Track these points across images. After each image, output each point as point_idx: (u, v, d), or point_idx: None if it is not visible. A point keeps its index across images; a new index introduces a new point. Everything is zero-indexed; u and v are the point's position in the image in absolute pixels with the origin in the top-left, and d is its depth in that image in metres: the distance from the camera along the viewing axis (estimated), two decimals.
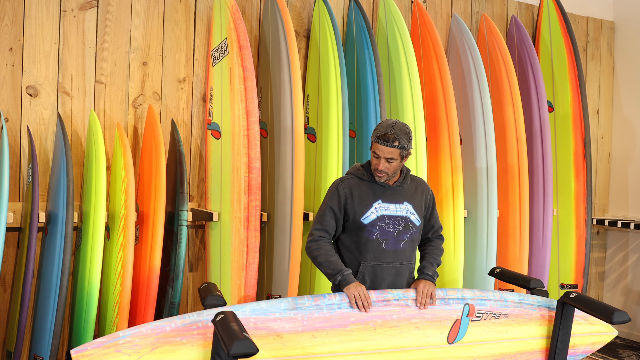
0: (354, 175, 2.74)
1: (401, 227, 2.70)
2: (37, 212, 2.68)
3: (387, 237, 2.68)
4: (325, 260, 2.63)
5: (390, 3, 3.78)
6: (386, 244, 2.68)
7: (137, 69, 3.26)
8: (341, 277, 2.60)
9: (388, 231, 2.68)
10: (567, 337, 2.91)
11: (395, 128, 2.61)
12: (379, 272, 2.69)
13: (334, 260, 2.63)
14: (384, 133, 2.60)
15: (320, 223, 2.68)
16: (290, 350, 2.49)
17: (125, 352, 2.26)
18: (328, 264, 2.62)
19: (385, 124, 2.64)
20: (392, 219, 2.69)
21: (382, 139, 2.60)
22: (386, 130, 2.60)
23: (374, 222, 2.66)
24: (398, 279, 2.74)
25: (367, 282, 2.70)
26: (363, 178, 2.71)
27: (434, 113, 3.75)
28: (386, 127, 2.62)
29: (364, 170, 2.73)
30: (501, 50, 4.01)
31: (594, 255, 4.95)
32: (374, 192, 2.69)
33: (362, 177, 2.72)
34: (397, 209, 2.71)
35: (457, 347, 2.76)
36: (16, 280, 2.91)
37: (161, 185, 2.89)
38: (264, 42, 3.53)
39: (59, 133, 2.88)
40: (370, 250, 2.67)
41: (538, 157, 4.07)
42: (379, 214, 2.67)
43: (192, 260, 3.45)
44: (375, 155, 2.63)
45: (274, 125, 3.36)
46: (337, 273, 2.60)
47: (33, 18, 3.00)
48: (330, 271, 2.62)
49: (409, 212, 2.73)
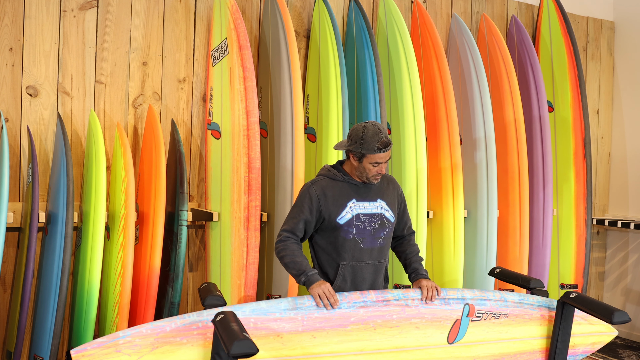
0: (325, 177, 2.71)
1: (377, 224, 2.69)
2: (37, 212, 2.68)
3: (364, 236, 2.67)
4: (291, 260, 2.60)
5: (390, 3, 3.78)
6: (363, 242, 2.67)
7: (137, 69, 3.26)
8: (305, 277, 2.57)
9: (364, 229, 2.67)
10: (567, 337, 2.91)
11: (382, 131, 2.59)
12: (358, 271, 2.69)
13: (299, 260, 2.60)
14: (381, 141, 2.57)
15: (288, 225, 2.66)
16: (290, 350, 2.49)
17: (125, 352, 2.26)
18: (293, 265, 2.60)
19: (371, 133, 2.58)
20: (368, 217, 2.68)
21: (383, 146, 2.57)
22: (380, 138, 2.57)
23: (349, 221, 2.65)
24: (377, 276, 2.74)
25: (348, 282, 2.68)
26: (335, 178, 2.69)
27: (434, 113, 3.75)
28: (376, 135, 2.58)
29: (336, 171, 2.71)
30: (501, 50, 4.01)
31: (594, 255, 4.95)
32: (347, 192, 2.68)
33: (334, 177, 2.69)
34: (371, 207, 2.70)
35: (457, 347, 2.76)
36: (16, 280, 2.91)
37: (161, 185, 2.89)
38: (264, 42, 3.53)
39: (59, 133, 2.88)
40: (348, 250, 2.66)
41: (538, 157, 4.07)
42: (355, 213, 2.66)
43: (192, 260, 3.45)
44: (376, 164, 2.61)
45: (274, 125, 3.36)
46: (301, 274, 2.58)
47: (33, 18, 3.00)
48: (295, 272, 2.60)
49: (383, 209, 2.72)
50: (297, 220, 2.65)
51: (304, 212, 2.65)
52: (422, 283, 2.72)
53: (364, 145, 2.57)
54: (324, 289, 2.55)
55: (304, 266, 2.59)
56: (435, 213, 3.76)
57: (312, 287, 2.56)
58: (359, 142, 2.59)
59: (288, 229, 2.66)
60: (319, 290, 2.55)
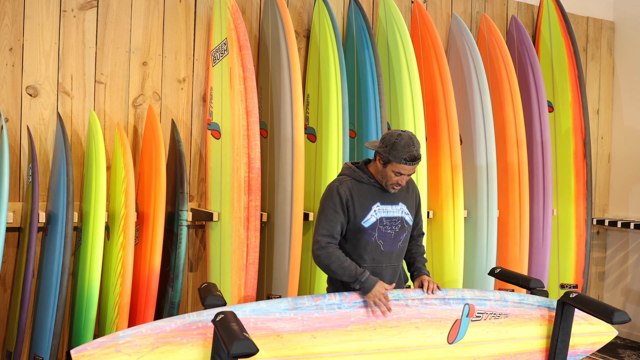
0: (350, 177, 2.68)
1: (398, 228, 2.70)
2: (37, 212, 2.68)
3: (385, 239, 2.68)
4: (339, 266, 2.56)
5: (390, 3, 3.78)
6: (384, 245, 2.68)
7: (137, 69, 3.26)
8: (359, 284, 2.56)
9: (386, 233, 2.67)
10: (567, 337, 2.91)
11: (415, 144, 2.56)
12: (378, 273, 2.69)
13: (347, 265, 2.57)
14: (410, 153, 2.54)
15: (325, 228, 2.60)
16: (290, 350, 2.49)
17: (125, 352, 2.26)
18: (342, 271, 2.56)
19: (403, 143, 2.55)
20: (390, 221, 2.68)
21: (410, 159, 2.55)
22: (410, 150, 2.54)
23: (373, 224, 2.64)
24: (394, 278, 2.76)
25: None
26: (361, 180, 2.67)
27: (434, 113, 3.75)
28: (407, 146, 2.54)
29: (362, 172, 2.68)
30: (501, 50, 4.01)
31: (594, 255, 4.95)
32: (372, 195, 2.67)
33: (359, 179, 2.67)
34: (393, 210, 2.70)
35: (457, 347, 2.76)
36: (16, 280, 2.91)
37: (161, 185, 2.89)
38: (264, 42, 3.53)
39: (59, 133, 2.88)
40: (369, 253, 2.67)
41: (538, 157, 4.07)
42: (378, 217, 2.66)
43: (192, 260, 3.45)
44: (398, 174, 2.59)
45: (274, 125, 3.36)
46: (354, 281, 2.57)
47: (33, 18, 3.00)
48: (347, 279, 2.58)
49: (403, 212, 2.73)
50: (334, 223, 2.60)
51: (338, 213, 2.60)
52: (423, 277, 2.75)
53: (393, 152, 2.56)
54: (379, 295, 2.57)
55: (354, 272, 2.57)
56: (435, 213, 3.76)
57: (367, 296, 2.58)
58: (389, 147, 2.57)
59: (326, 234, 2.60)
60: (375, 299, 2.58)
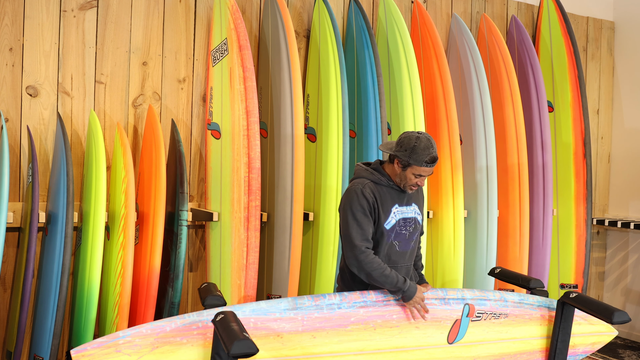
0: (369, 180, 2.68)
1: (412, 228, 2.74)
2: (37, 212, 2.68)
3: (400, 240, 2.70)
4: (381, 274, 2.57)
5: (390, 3, 3.78)
6: (399, 245, 2.70)
7: (137, 69, 3.26)
8: (402, 293, 2.61)
9: (401, 233, 2.70)
10: (567, 337, 2.91)
11: (433, 145, 2.59)
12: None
13: (389, 274, 2.58)
14: (431, 156, 2.57)
15: (360, 233, 2.58)
16: (290, 350, 2.49)
17: (125, 352, 2.26)
18: (385, 279, 2.57)
19: (423, 146, 2.57)
20: (405, 222, 2.71)
21: (431, 161, 2.58)
22: (430, 152, 2.57)
23: (393, 226, 2.68)
24: (408, 277, 2.78)
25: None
26: (380, 183, 2.67)
27: (434, 113, 3.75)
28: (427, 148, 2.57)
29: (379, 175, 2.68)
30: (501, 50, 4.01)
31: (594, 255, 4.95)
32: (392, 197, 2.69)
33: (378, 181, 2.67)
34: (408, 211, 2.73)
35: (457, 347, 2.76)
36: (16, 280, 2.91)
37: (161, 185, 2.89)
38: (264, 42, 3.53)
39: (59, 133, 2.88)
40: (386, 254, 2.68)
41: (538, 157, 4.07)
42: (397, 218, 2.69)
43: (192, 260, 3.45)
44: (418, 176, 2.62)
45: (274, 125, 3.36)
46: (397, 290, 2.60)
47: (33, 18, 3.00)
48: (388, 287, 2.60)
49: (416, 212, 2.77)
50: (367, 227, 2.60)
51: (368, 217, 2.61)
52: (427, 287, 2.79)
53: (413, 155, 2.57)
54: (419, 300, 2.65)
55: (396, 280, 2.59)
56: (435, 213, 3.76)
57: (409, 304, 2.64)
58: (408, 151, 2.58)
59: (363, 239, 2.59)
60: (415, 305, 2.65)
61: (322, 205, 3.37)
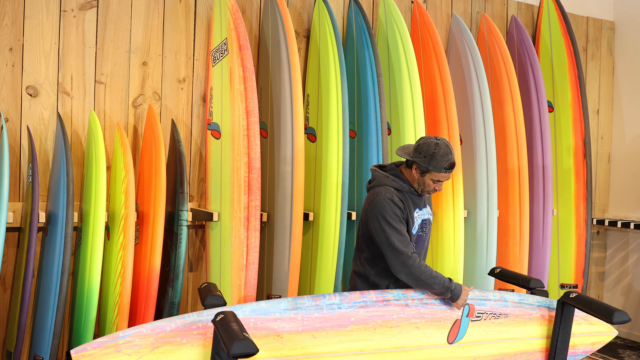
0: (391, 187, 2.70)
1: (427, 229, 2.80)
2: (37, 212, 2.68)
3: (418, 242, 2.75)
4: (430, 276, 2.61)
5: (390, 3, 3.78)
6: (417, 247, 2.75)
7: (137, 69, 3.26)
8: (450, 293, 2.66)
9: (419, 236, 2.75)
10: (567, 337, 2.91)
11: (452, 151, 2.63)
12: None
13: (437, 275, 2.63)
14: (450, 162, 2.61)
15: (401, 241, 2.60)
16: (290, 350, 2.49)
17: (125, 352, 2.26)
18: (433, 281, 2.61)
19: (442, 152, 2.60)
20: (423, 224, 2.77)
21: (450, 167, 2.62)
22: (450, 159, 2.61)
23: (417, 231, 2.73)
24: None
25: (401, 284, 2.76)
26: (402, 190, 2.71)
27: (434, 113, 3.75)
28: (446, 155, 2.60)
29: (401, 182, 2.71)
30: (501, 50, 4.01)
31: (594, 255, 4.95)
32: (413, 202, 2.74)
33: (400, 188, 2.71)
34: (424, 214, 2.78)
35: (457, 347, 2.76)
36: (16, 280, 2.91)
37: (161, 185, 2.89)
38: (264, 42, 3.53)
39: (59, 133, 2.88)
40: None
41: (538, 157, 4.07)
42: (419, 222, 2.73)
43: (192, 260, 3.45)
44: (437, 181, 2.66)
45: (274, 125, 3.36)
46: (445, 290, 2.64)
47: (33, 18, 3.00)
48: (437, 288, 2.63)
49: (429, 214, 2.83)
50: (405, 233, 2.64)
51: (403, 223, 2.66)
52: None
53: (433, 162, 2.60)
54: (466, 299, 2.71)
55: (443, 281, 2.64)
56: (435, 213, 3.75)
57: (458, 302, 2.69)
58: (428, 158, 2.61)
59: (407, 244, 2.61)
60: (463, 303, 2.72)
61: (322, 205, 3.37)
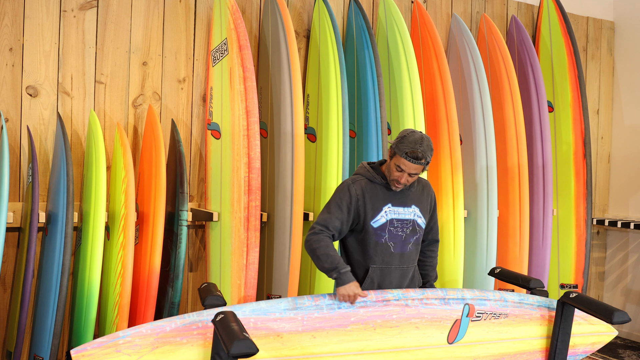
0: (364, 177, 2.70)
1: (409, 230, 2.71)
2: (37, 212, 2.68)
3: (395, 241, 2.68)
4: (324, 253, 2.54)
5: (390, 3, 3.78)
6: (394, 247, 2.69)
7: (137, 69, 3.26)
8: (337, 274, 2.52)
9: (396, 235, 2.68)
10: (567, 337, 2.91)
11: (423, 145, 2.56)
12: (387, 275, 2.70)
13: (333, 254, 2.54)
14: (413, 150, 2.54)
15: (324, 219, 2.62)
16: (290, 350, 2.49)
17: (125, 352, 2.26)
18: (326, 258, 2.53)
19: (412, 139, 2.56)
20: (401, 223, 2.69)
21: (411, 155, 2.54)
22: (415, 147, 2.54)
23: (383, 225, 2.65)
24: (404, 280, 2.76)
25: (375, 284, 2.70)
26: (374, 180, 2.68)
27: (434, 113, 3.75)
28: (414, 143, 2.55)
29: (375, 173, 2.69)
30: (501, 50, 4.01)
31: (594, 255, 4.95)
32: (384, 196, 2.68)
33: (372, 179, 2.68)
34: (405, 213, 2.70)
35: (457, 347, 2.76)
36: (16, 280, 2.91)
37: (161, 185, 2.89)
38: (264, 42, 3.53)
39: (59, 133, 2.88)
40: (379, 254, 2.67)
41: (538, 157, 4.07)
42: (389, 218, 2.66)
43: (192, 260, 3.45)
44: (399, 169, 2.59)
45: (274, 125, 3.36)
46: (334, 269, 2.52)
47: (33, 18, 3.00)
48: (327, 265, 2.53)
49: (416, 215, 2.73)
50: (333, 217, 2.61)
51: (341, 210, 2.62)
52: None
53: (400, 144, 2.57)
54: (350, 292, 2.52)
55: (337, 261, 2.53)
56: None
57: (339, 288, 2.53)
58: (398, 139, 2.60)
59: (322, 223, 2.61)
60: (345, 297, 2.54)
61: (322, 205, 3.37)
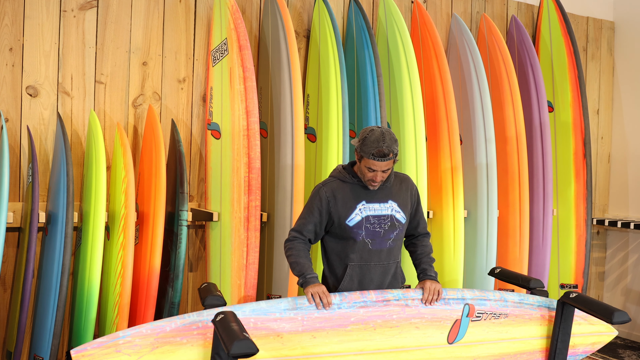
0: (336, 178, 2.70)
1: (387, 226, 2.68)
2: (37, 212, 2.68)
3: (373, 238, 2.66)
4: (294, 261, 2.62)
5: (390, 3, 3.78)
6: (372, 244, 2.67)
7: (137, 69, 3.26)
8: (303, 279, 2.58)
9: (374, 231, 2.66)
10: (567, 337, 2.91)
11: (386, 141, 2.53)
12: (366, 272, 2.68)
13: (302, 262, 2.60)
14: (378, 149, 2.51)
15: (298, 225, 2.68)
16: (290, 350, 2.49)
17: (125, 352, 2.26)
18: (295, 265, 2.61)
19: (373, 138, 2.53)
20: (378, 219, 2.66)
21: (377, 155, 2.52)
22: (379, 145, 2.51)
23: (359, 223, 2.64)
24: (385, 277, 2.73)
25: (355, 283, 2.68)
26: (346, 180, 2.68)
27: (434, 113, 3.75)
28: (377, 141, 2.52)
29: (346, 173, 2.69)
30: (501, 50, 4.01)
31: (594, 255, 4.95)
32: (357, 194, 2.66)
33: (344, 179, 2.68)
34: (381, 209, 2.68)
35: (457, 347, 2.76)
36: (16, 280, 2.91)
37: (161, 185, 2.89)
38: (264, 42, 3.53)
39: (59, 133, 2.88)
40: (356, 252, 2.66)
41: (538, 157, 4.07)
42: (364, 215, 2.65)
43: (192, 260, 3.45)
44: (371, 170, 2.57)
45: (274, 125, 3.36)
46: (300, 275, 2.59)
47: (33, 18, 3.00)
48: (296, 272, 2.61)
49: (394, 210, 2.70)
50: (306, 222, 2.66)
51: (313, 214, 2.65)
52: (425, 284, 2.70)
53: (363, 147, 2.55)
54: (318, 289, 2.55)
55: (304, 268, 2.60)
56: (435, 213, 3.76)
57: (307, 288, 2.57)
58: (360, 142, 2.57)
59: (296, 229, 2.68)
60: (312, 290, 2.55)
61: None
